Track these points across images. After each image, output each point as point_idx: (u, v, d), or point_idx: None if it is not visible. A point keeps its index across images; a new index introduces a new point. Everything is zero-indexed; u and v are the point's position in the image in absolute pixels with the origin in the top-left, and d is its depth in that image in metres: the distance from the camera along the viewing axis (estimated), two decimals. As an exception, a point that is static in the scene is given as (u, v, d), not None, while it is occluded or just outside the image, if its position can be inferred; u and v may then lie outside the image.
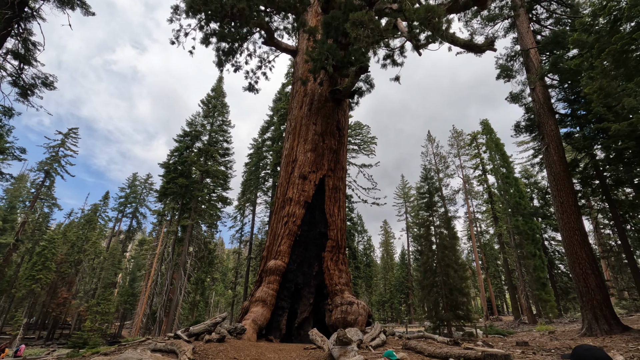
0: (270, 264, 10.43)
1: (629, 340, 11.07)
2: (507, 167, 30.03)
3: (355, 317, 9.63)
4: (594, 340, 11.75)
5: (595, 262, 13.39)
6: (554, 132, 15.53)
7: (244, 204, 34.47)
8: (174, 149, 27.10)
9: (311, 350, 7.42)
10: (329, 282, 10.65)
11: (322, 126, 12.57)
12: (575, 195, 14.48)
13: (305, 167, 11.84)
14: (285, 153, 12.82)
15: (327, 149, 12.34)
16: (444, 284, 12.80)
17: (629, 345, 10.45)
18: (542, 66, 16.09)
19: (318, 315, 10.88)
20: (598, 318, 12.44)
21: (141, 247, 56.40)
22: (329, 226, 11.44)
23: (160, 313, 21.12)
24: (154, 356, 4.60)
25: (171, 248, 23.42)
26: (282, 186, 12.24)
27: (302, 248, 11.19)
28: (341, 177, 12.51)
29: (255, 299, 9.89)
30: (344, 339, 5.84)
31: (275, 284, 10.22)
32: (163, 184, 24.62)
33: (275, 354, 7.11)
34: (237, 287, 38.01)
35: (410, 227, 59.41)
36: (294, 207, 11.30)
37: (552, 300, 23.55)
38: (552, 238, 32.79)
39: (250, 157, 36.04)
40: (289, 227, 10.99)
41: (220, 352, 6.82)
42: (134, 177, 58.93)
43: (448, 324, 12.54)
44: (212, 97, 30.95)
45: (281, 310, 10.26)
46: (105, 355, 7.60)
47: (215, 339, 7.70)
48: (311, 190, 11.58)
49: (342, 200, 12.29)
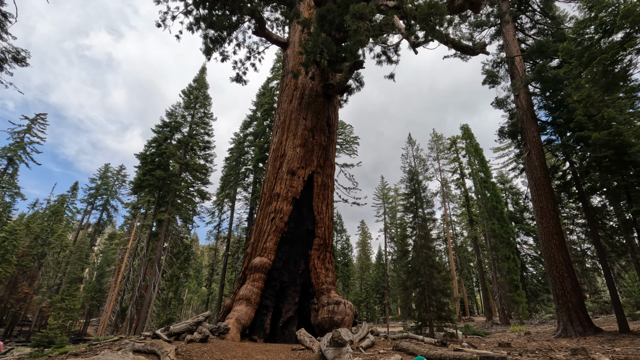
0: (256, 261, 10.05)
1: (603, 342, 11.45)
2: (486, 172, 30.82)
3: (342, 317, 9.43)
4: (569, 341, 12.10)
5: (572, 265, 13.83)
6: (535, 138, 15.95)
7: (222, 199, 33.64)
8: (151, 139, 25.98)
9: (300, 351, 7.14)
10: (315, 281, 10.39)
11: (313, 121, 12.29)
12: (554, 200, 14.92)
13: (294, 162, 11.52)
14: (273, 147, 12.44)
15: (316, 145, 12.08)
16: (427, 285, 12.86)
17: (605, 346, 10.81)
18: (527, 74, 16.49)
19: (303, 314, 10.61)
20: (573, 320, 12.83)
21: (111, 242, 54.05)
22: (316, 224, 11.18)
23: (132, 310, 20.13)
24: (136, 358, 4.19)
25: (145, 243, 22.40)
26: (269, 181, 11.87)
27: (288, 245, 10.88)
28: (330, 174, 12.29)
29: (239, 297, 9.50)
30: (339, 340, 5.61)
31: (261, 281, 9.86)
32: (139, 176, 23.48)
33: (263, 355, 6.78)
34: (213, 284, 37.08)
35: (388, 227, 60.14)
36: (282, 203, 10.96)
37: (523, 302, 24.32)
38: (524, 242, 33.95)
39: (230, 152, 35.22)
40: (276, 224, 10.64)
41: (205, 353, 6.42)
42: (106, 168, 56.42)
43: (430, 324, 12.60)
44: (194, 87, 29.91)
45: (265, 309, 9.90)
46: (76, 356, 7.02)
47: (198, 339, 7.27)
48: (299, 186, 11.28)
49: (331, 198, 12.07)
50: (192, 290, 51.25)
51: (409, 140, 57.11)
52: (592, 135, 12.72)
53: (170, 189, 24.69)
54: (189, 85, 30.03)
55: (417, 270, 13.57)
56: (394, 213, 62.68)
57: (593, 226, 14.48)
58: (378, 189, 63.16)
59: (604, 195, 15.51)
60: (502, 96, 16.55)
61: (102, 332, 32.85)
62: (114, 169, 57.41)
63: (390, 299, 59.23)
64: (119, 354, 4.28)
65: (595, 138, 12.60)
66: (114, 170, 57.25)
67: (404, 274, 14.66)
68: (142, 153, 25.34)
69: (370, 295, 57.92)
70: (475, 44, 11.26)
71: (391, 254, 59.95)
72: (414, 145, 56.06)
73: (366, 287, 60.09)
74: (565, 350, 9.47)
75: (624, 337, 11.32)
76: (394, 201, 65.08)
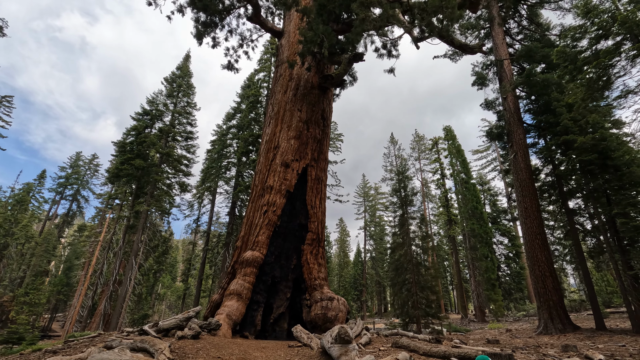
0: (247, 255, 9.69)
1: (582, 339, 11.85)
2: (467, 173, 31.49)
3: (336, 313, 9.25)
4: (551, 338, 12.47)
5: (553, 265, 14.26)
6: (522, 140, 16.32)
7: (203, 192, 32.70)
8: (131, 127, 24.76)
9: (297, 348, 6.89)
10: (307, 277, 10.15)
11: (307, 114, 12.00)
12: (538, 202, 15.32)
13: (288, 154, 11.21)
14: (266, 139, 12.06)
15: (311, 137, 11.80)
16: (415, 282, 12.93)
17: (585, 342, 11.19)
18: (515, 78, 16.83)
19: (293, 310, 10.35)
20: (553, 317, 13.23)
21: (81, 233, 51.58)
22: (309, 218, 10.92)
23: (106, 305, 19.14)
24: (136, 356, 3.82)
25: (122, 235, 21.34)
26: (261, 173, 11.50)
27: (280, 239, 10.57)
28: (324, 168, 12.06)
29: (230, 292, 9.12)
30: (346, 337, 5.39)
31: (252, 276, 9.52)
32: (116, 165, 22.29)
33: (260, 352, 6.49)
34: (190, 279, 36.09)
35: (368, 225, 60.65)
36: (275, 196, 10.63)
37: (500, 300, 25.06)
38: (500, 242, 35.01)
39: (212, 144, 34.29)
40: (269, 217, 10.31)
41: (199, 350, 6.06)
42: (78, 156, 53.69)
43: (418, 321, 12.67)
44: (178, 76, 28.78)
45: (256, 304, 9.57)
46: (55, 354, 6.47)
47: (190, 335, 6.88)
48: (293, 179, 10.98)
49: (324, 192, 11.85)
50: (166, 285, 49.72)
51: (392, 139, 57.60)
52: (577, 139, 13.11)
53: (150, 179, 23.63)
54: (171, 72, 28.84)
55: (404, 268, 13.64)
56: (374, 211, 63.29)
57: (573, 227, 14.99)
58: (359, 186, 63.49)
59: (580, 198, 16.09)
60: (492, 98, 16.86)
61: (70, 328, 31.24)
62: (86, 157, 54.76)
63: (368, 295, 59.85)
64: (115, 351, 3.89)
65: (580, 142, 12.99)
66: (86, 159, 54.59)
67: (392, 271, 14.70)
68: (120, 141, 24.07)
69: (348, 292, 58.23)
70: (474, 44, 11.30)
71: (370, 252, 60.56)
72: (396, 144, 56.60)
73: (344, 284, 60.36)
74: (552, 347, 9.70)
75: (602, 335, 11.75)
76: (374, 199, 65.69)
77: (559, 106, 14.23)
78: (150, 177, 23.52)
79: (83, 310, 30.11)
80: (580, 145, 13.05)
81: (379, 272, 57.58)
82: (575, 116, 14.08)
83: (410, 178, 54.47)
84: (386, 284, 61.41)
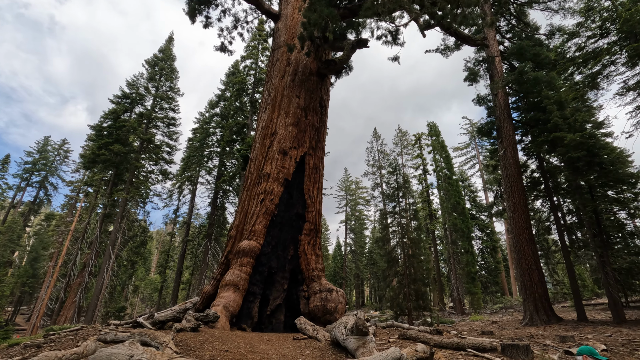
0: (244, 244, 9.28)
1: (567, 330, 12.24)
2: (450, 169, 32.01)
3: (335, 304, 9.04)
4: (537, 329, 12.81)
5: (539, 259, 14.64)
6: (511, 137, 16.61)
7: (183, 182, 31.62)
8: (109, 110, 23.32)
9: (303, 341, 6.61)
10: (305, 267, 9.87)
11: (306, 100, 11.62)
12: (525, 197, 15.65)
13: (286, 141, 10.81)
14: (262, 124, 11.60)
15: (309, 125, 11.44)
16: (408, 274, 12.94)
17: (567, 333, 11.54)
18: (508, 74, 17.04)
19: (289, 302, 10.04)
20: (539, 309, 13.60)
21: (49, 222, 48.92)
22: (307, 208, 10.61)
23: (81, 297, 18.09)
24: (149, 350, 3.43)
25: (99, 224, 20.18)
26: (257, 160, 11.05)
27: (277, 229, 10.20)
28: (321, 157, 11.74)
29: (226, 283, 8.71)
30: (363, 328, 5.16)
31: (249, 266, 9.13)
32: (93, 150, 20.95)
33: (266, 345, 6.17)
34: (167, 271, 35.02)
35: (349, 218, 60.95)
36: (272, 184, 10.24)
37: (479, 292, 25.76)
38: (478, 237, 35.98)
39: (194, 132, 33.15)
40: (266, 206, 9.91)
41: (203, 343, 5.67)
42: (46, 141, 50.65)
43: (409, 312, 12.72)
44: (160, 58, 27.39)
45: (253, 296, 9.20)
46: (39, 348, 5.90)
47: (189, 327, 6.48)
48: (291, 167, 10.61)
49: (321, 182, 11.55)
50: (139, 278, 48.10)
51: (375, 134, 58.16)
52: (567, 137, 13.41)
53: (129, 166, 22.42)
54: (153, 55, 27.36)
55: (396, 260, 13.65)
56: (355, 205, 63.66)
57: (558, 222, 15.44)
58: (341, 180, 63.71)
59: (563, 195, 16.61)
60: (484, 94, 17.05)
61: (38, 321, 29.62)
62: (55, 142, 51.72)
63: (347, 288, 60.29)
64: (126, 345, 3.48)
65: (570, 139, 13.30)
66: (55, 144, 51.58)
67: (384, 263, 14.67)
68: (97, 125, 22.59)
69: (327, 285, 58.42)
70: (476, 37, 11.24)
71: (350, 245, 60.94)
72: (379, 139, 57.23)
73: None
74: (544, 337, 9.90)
75: (586, 326, 12.17)
76: (354, 194, 66.05)
77: (549, 104, 14.50)
78: (129, 163, 22.32)
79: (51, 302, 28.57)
80: (569, 142, 13.35)
81: (359, 266, 58.12)
82: (565, 114, 14.41)
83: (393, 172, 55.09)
84: (365, 277, 62.19)
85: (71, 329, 8.49)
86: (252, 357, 5.18)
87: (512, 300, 28.96)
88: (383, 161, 53.46)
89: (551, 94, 14.88)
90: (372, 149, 55.22)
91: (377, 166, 53.33)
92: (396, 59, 10.19)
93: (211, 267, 25.79)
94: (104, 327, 8.26)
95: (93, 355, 3.40)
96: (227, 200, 31.13)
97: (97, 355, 3.38)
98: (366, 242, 65.74)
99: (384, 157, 53.39)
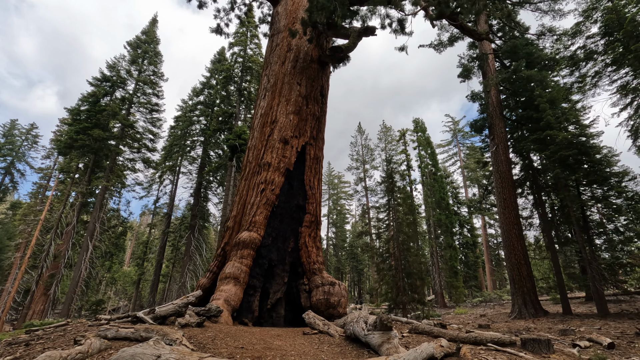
0: (244, 235, 8.88)
1: (555, 323, 12.56)
2: (435, 165, 32.43)
3: (339, 298, 8.83)
4: (526, 322, 13.11)
5: (527, 254, 14.98)
6: (503, 134, 16.85)
7: (164, 171, 30.47)
8: (88, 93, 21.86)
9: (314, 336, 6.34)
10: (306, 260, 9.59)
11: (307, 89, 11.24)
12: (515, 193, 15.95)
13: (288, 130, 10.42)
14: (262, 112, 11.14)
15: (310, 114, 11.09)
16: (403, 268, 12.95)
17: (556, 326, 11.86)
18: (501, 72, 17.23)
19: (289, 296, 9.75)
20: (527, 303, 13.94)
21: (14, 211, 46.11)
22: (307, 199, 10.31)
23: (56, 290, 17.02)
24: (176, 349, 3.07)
25: (76, 213, 18.97)
26: (255, 149, 10.62)
27: (277, 221, 9.86)
28: (321, 147, 11.44)
29: (226, 276, 8.30)
30: (388, 323, 4.94)
31: (249, 259, 8.75)
32: (70, 134, 19.57)
33: (279, 340, 5.86)
34: (145, 263, 33.83)
35: (331, 212, 61.01)
36: (273, 173, 9.85)
37: (461, 286, 26.34)
38: (459, 232, 36.80)
39: (176, 120, 31.94)
40: (267, 196, 9.53)
41: (214, 339, 5.31)
42: (12, 124, 47.51)
43: (404, 306, 12.73)
44: (143, 41, 25.97)
45: (253, 289, 8.85)
46: (27, 346, 5.35)
47: (194, 323, 6.09)
48: (293, 157, 10.26)
49: (321, 173, 11.25)
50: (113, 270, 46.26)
51: (359, 129, 58.24)
52: (559, 135, 13.70)
53: (110, 152, 21.17)
54: (136, 37, 25.90)
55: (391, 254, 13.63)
56: (337, 199, 63.79)
57: (545, 218, 15.85)
58: (325, 174, 63.45)
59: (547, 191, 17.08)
60: (477, 90, 17.23)
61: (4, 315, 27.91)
62: (23, 127, 48.62)
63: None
64: (150, 344, 3.10)
65: (562, 138, 13.59)
66: (23, 128, 48.47)
67: (378, 257, 14.65)
68: (74, 108, 21.08)
69: (308, 279, 58.43)
70: (480, 30, 11.18)
71: (332, 239, 61.07)
72: (363, 134, 57.36)
73: (304, 271, 60.47)
74: (536, 330, 10.10)
75: (573, 319, 12.56)
76: (337, 188, 66.14)
77: (542, 102, 14.75)
78: (110, 150, 21.08)
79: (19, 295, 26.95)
80: (561, 141, 13.63)
81: (340, 259, 58.37)
82: (557, 113, 14.72)
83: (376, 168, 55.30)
84: (345, 270, 62.58)
85: (55, 324, 7.88)
86: (270, 354, 4.87)
87: (490, 294, 29.81)
88: (367, 156, 53.73)
89: (544, 93, 15.14)
90: (357, 143, 55.34)
91: (360, 161, 53.50)
92: (403, 49, 9.98)
93: (194, 260, 25.06)
94: (93, 322, 7.69)
95: (115, 355, 3.00)
96: (211, 191, 30.31)
97: (119, 355, 2.98)
98: (347, 236, 66.09)
99: (367, 152, 53.65)
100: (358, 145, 55.26)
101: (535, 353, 5.26)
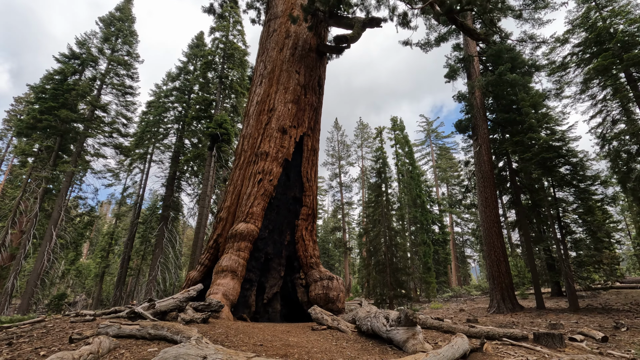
0: (241, 227, 8.46)
1: (532, 317, 13.14)
2: (412, 163, 33.07)
3: (337, 293, 8.66)
4: (505, 316, 13.62)
5: (506, 251, 15.58)
6: (486, 135, 17.37)
7: (135, 159, 28.83)
8: (55, 70, 19.97)
9: (324, 332, 6.13)
10: (303, 254, 9.33)
11: (306, 78, 10.91)
12: (496, 192, 16.50)
13: (286, 119, 10.05)
14: (258, 99, 10.67)
15: (308, 104, 10.78)
16: (390, 263, 13.03)
17: (536, 320, 12.42)
18: (487, 74, 17.72)
19: (284, 291, 9.45)
20: (505, 298, 14.50)
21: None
22: (304, 191, 10.03)
23: (14, 282, 15.55)
24: (220, 349, 2.77)
25: (39, 200, 17.37)
26: (251, 137, 10.16)
27: (274, 213, 9.51)
28: (318, 139, 11.18)
29: (222, 269, 7.87)
30: (413, 319, 4.83)
31: (246, 251, 8.36)
32: (33, 114, 17.73)
33: (292, 337, 5.60)
34: (110, 255, 32.02)
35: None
36: (271, 163, 9.47)
37: (434, 282, 27.10)
38: (431, 230, 37.85)
39: (149, 105, 30.27)
40: (264, 187, 9.14)
41: (228, 336, 4.97)
42: (-42, 101, 42.92)
43: (391, 301, 12.83)
44: (117, 18, 24.16)
45: (249, 283, 8.49)
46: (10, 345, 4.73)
47: (199, 319, 5.68)
48: (291, 147, 9.92)
49: (317, 165, 10.99)
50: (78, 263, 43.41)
51: (336, 125, 58.23)
52: (541, 138, 14.30)
53: (79, 135, 19.52)
54: (109, 13, 23.96)
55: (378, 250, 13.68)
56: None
57: (522, 217, 16.55)
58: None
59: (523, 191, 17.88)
60: (464, 91, 17.62)
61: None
62: (-30, 104, 44.17)
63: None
64: (193, 343, 2.76)
65: (544, 140, 14.19)
66: (-30, 105, 43.97)
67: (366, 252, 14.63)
68: (39, 85, 19.13)
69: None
70: (480, 30, 11.34)
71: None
72: (340, 130, 57.44)
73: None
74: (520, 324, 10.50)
75: (548, 313, 13.22)
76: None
77: (525, 105, 15.31)
78: (78, 133, 19.44)
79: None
80: (542, 143, 14.23)
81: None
82: (538, 116, 15.34)
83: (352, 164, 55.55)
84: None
85: (30, 320, 7.11)
86: (291, 351, 4.59)
87: (460, 289, 30.98)
88: (343, 152, 53.93)
89: (527, 97, 15.72)
90: (333, 139, 55.31)
91: (336, 157, 53.58)
92: (408, 43, 9.90)
93: (166, 253, 23.95)
94: (74, 318, 7.00)
95: (157, 356, 2.63)
96: (185, 181, 29.10)
97: (161, 356, 2.62)
98: (319, 231, 66.22)
99: (344, 148, 53.88)
100: (334, 141, 55.26)
101: (550, 347, 5.37)
